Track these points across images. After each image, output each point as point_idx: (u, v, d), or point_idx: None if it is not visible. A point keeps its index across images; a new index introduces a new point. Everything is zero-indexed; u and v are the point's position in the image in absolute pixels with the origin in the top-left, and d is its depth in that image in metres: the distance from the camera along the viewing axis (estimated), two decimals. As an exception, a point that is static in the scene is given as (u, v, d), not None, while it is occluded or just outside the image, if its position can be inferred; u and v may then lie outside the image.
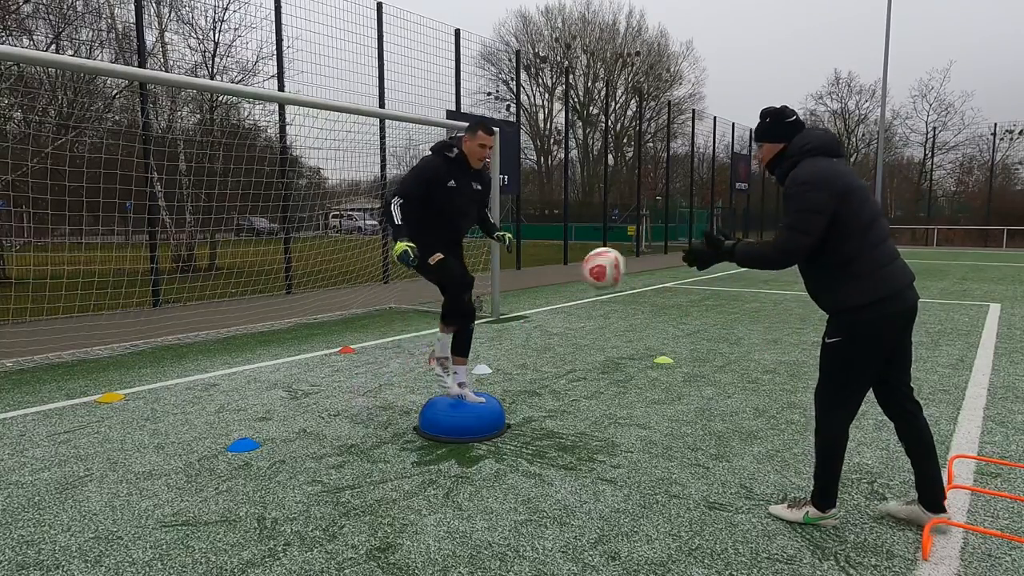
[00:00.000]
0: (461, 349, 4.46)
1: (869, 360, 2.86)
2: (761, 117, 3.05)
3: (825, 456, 2.98)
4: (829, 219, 2.78)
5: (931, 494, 2.96)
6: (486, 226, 4.79)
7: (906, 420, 3.00)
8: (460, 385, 4.44)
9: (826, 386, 2.98)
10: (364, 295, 11.06)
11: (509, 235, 4.75)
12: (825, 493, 3.00)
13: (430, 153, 4.34)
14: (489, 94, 38.82)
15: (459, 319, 4.36)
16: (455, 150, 4.28)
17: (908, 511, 3.06)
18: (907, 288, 2.86)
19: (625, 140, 43.84)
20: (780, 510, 3.14)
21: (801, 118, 3.03)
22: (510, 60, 39.62)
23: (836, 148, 2.91)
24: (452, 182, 4.22)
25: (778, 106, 3.02)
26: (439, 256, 4.18)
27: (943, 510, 2.95)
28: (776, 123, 3.00)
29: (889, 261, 2.84)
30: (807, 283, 3.04)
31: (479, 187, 4.43)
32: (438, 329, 4.47)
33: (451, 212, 4.26)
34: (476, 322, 4.65)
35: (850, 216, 2.79)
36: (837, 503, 3.05)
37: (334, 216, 25.36)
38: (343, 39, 12.03)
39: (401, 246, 3.93)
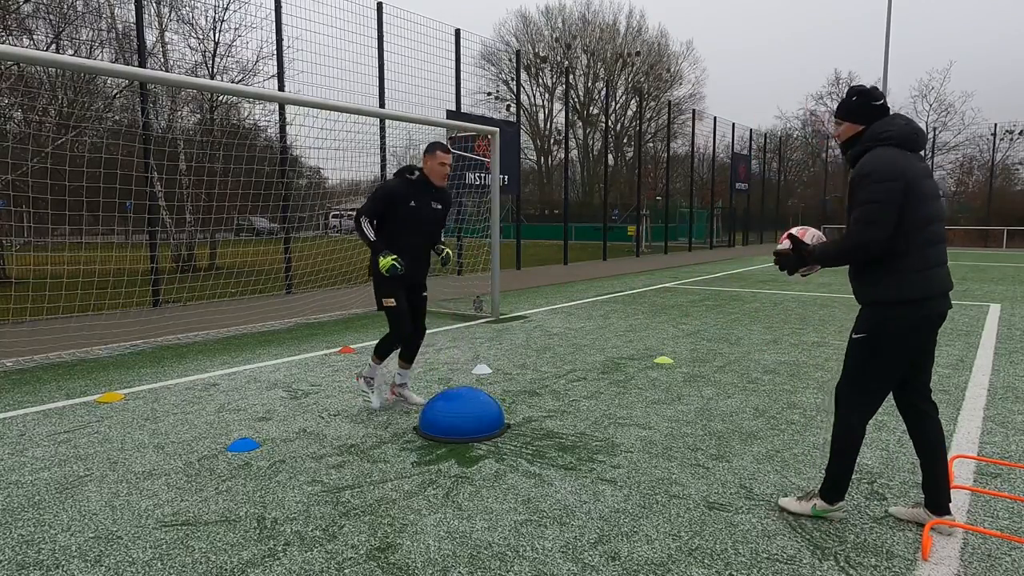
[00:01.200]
0: (408, 356, 4.91)
1: (892, 360, 2.84)
2: (848, 94, 2.96)
3: (840, 451, 2.99)
4: (900, 211, 2.71)
5: (936, 496, 2.96)
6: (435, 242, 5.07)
7: (919, 419, 3.00)
8: (402, 386, 4.94)
9: (848, 382, 2.96)
10: (364, 295, 11.06)
11: (448, 251, 5.00)
12: (835, 487, 3.02)
13: (394, 176, 4.78)
14: (489, 94, 38.85)
15: (390, 351, 4.81)
16: (416, 172, 4.70)
17: (911, 513, 3.06)
18: (942, 296, 2.83)
19: (625, 140, 43.84)
20: (788, 502, 3.17)
21: (887, 104, 2.92)
22: (510, 60, 39.63)
23: (915, 141, 2.83)
24: (412, 202, 4.62)
25: (868, 86, 2.94)
26: (391, 301, 4.58)
27: (947, 512, 2.95)
28: (861, 103, 2.91)
29: (935, 265, 2.80)
30: (852, 269, 2.96)
31: (439, 206, 4.81)
32: (370, 357, 4.90)
33: (412, 230, 4.66)
34: (477, 322, 4.69)
35: (908, 212, 2.73)
36: (845, 497, 3.07)
37: (334, 216, 25.35)
38: (343, 39, 12.04)
39: (387, 261, 4.38)
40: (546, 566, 2.69)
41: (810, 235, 3.03)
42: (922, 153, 2.93)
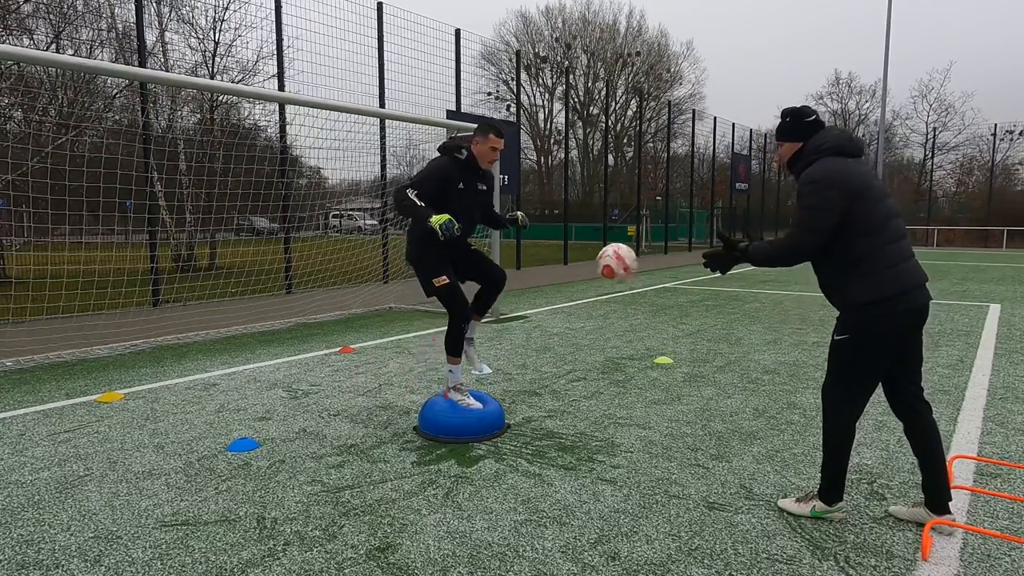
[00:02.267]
0: (481, 308, 4.48)
1: (876, 358, 2.87)
2: (781, 116, 3.07)
3: (832, 451, 3.02)
4: (839, 217, 2.79)
5: (936, 496, 2.96)
6: (493, 221, 4.77)
7: (914, 419, 3.00)
8: (468, 341, 4.43)
9: (834, 383, 3.00)
10: (364, 295, 11.06)
11: (521, 213, 4.74)
12: (832, 487, 3.04)
13: (439, 154, 4.30)
14: (489, 94, 38.82)
15: (461, 343, 4.38)
16: (464, 152, 4.24)
17: (912, 512, 3.07)
18: (918, 288, 2.86)
19: (625, 140, 43.83)
20: (788, 504, 3.18)
21: (821, 118, 3.04)
22: (510, 60, 39.63)
23: (852, 148, 2.92)
24: (461, 184, 4.21)
25: (798, 105, 3.04)
26: (444, 280, 4.16)
27: (947, 512, 2.96)
28: (795, 122, 3.02)
29: (900, 260, 2.83)
30: (819, 279, 3.04)
31: (484, 187, 4.42)
32: (446, 361, 4.42)
33: (459, 214, 4.15)
34: (483, 321, 4.66)
35: (862, 215, 2.80)
36: (844, 497, 3.08)
37: (334, 216, 25.34)
38: (343, 39, 12.04)
39: (442, 216, 3.80)
40: (546, 566, 2.69)
41: (612, 251, 3.23)
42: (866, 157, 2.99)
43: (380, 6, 13.11)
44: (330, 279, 11.68)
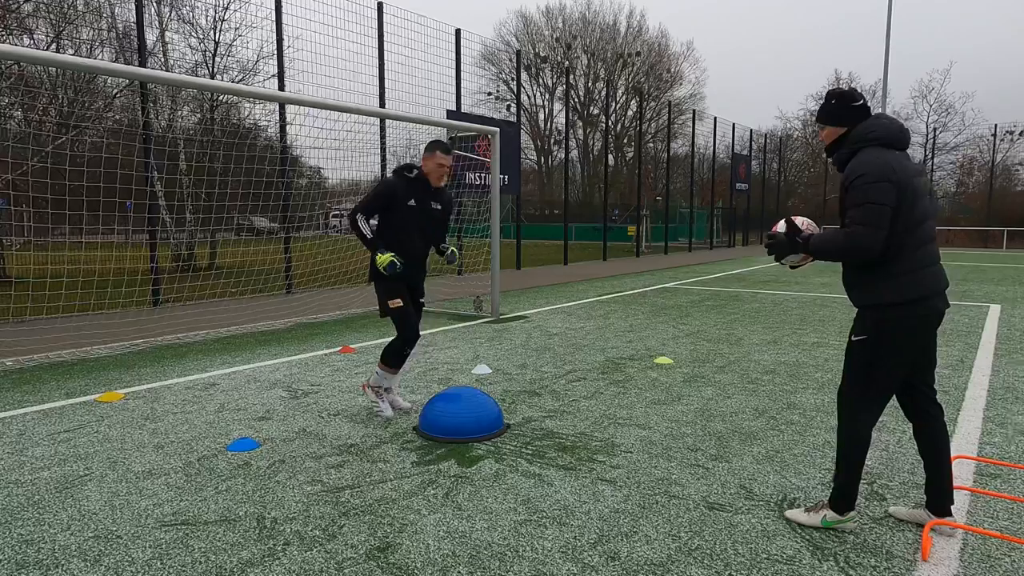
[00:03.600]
0: (395, 363, 4.66)
1: (895, 361, 2.81)
2: (826, 98, 2.93)
3: (846, 459, 2.93)
4: (894, 210, 2.68)
5: (939, 498, 2.94)
6: (438, 246, 4.89)
7: (925, 422, 2.96)
8: (386, 390, 4.70)
9: (851, 387, 2.91)
10: (364, 295, 11.06)
11: (452, 248, 4.89)
12: (844, 496, 2.94)
13: (392, 175, 4.60)
14: (489, 94, 38.85)
15: (400, 361, 4.65)
16: (415, 171, 4.53)
17: (912, 513, 3.06)
18: (938, 295, 2.81)
19: (625, 140, 43.83)
20: (796, 514, 3.08)
21: (868, 104, 2.89)
22: (510, 60, 39.63)
23: (902, 140, 2.81)
24: (412, 201, 4.46)
25: (846, 88, 2.90)
26: (398, 303, 4.42)
27: (948, 514, 2.94)
28: (841, 106, 2.87)
29: (929, 264, 2.78)
30: (845, 273, 2.94)
31: (439, 206, 4.65)
32: (377, 364, 4.71)
33: (411, 230, 4.50)
34: (477, 322, 4.68)
35: (903, 212, 2.71)
36: (856, 507, 2.99)
37: (334, 216, 25.31)
38: (344, 39, 12.04)
39: (386, 258, 4.23)
40: (546, 566, 2.69)
41: (808, 227, 3.00)
42: (908, 152, 2.91)
43: (380, 6, 13.11)
44: (330, 279, 11.68)
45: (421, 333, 4.85)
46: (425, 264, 4.73)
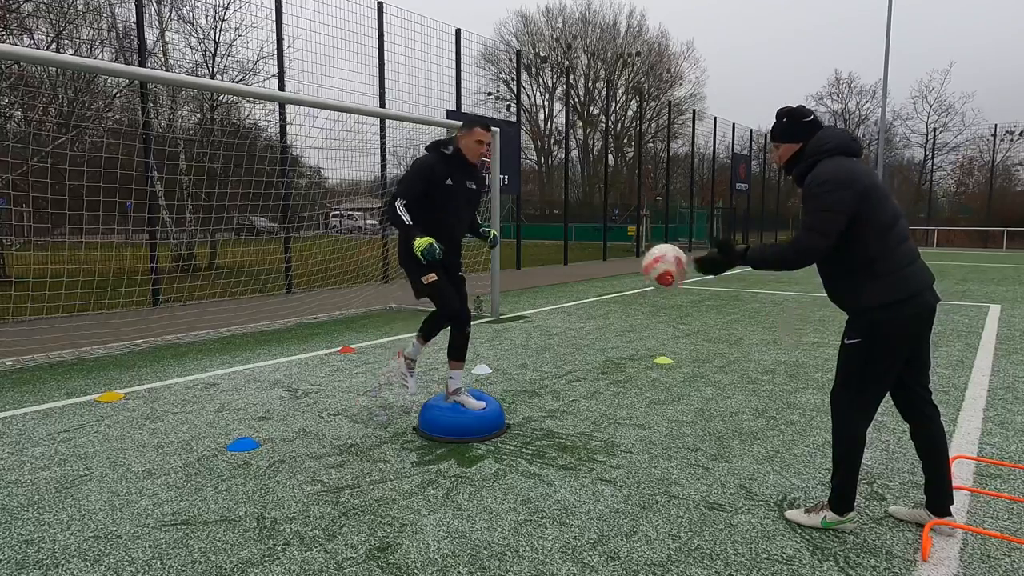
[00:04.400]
0: (457, 353, 4.40)
1: (889, 362, 2.83)
2: (777, 117, 3.00)
3: (843, 460, 2.94)
4: (849, 219, 2.75)
5: (938, 498, 2.94)
6: (472, 228, 4.66)
7: (922, 423, 2.97)
8: (456, 391, 4.38)
9: (845, 389, 2.93)
10: (364, 295, 11.06)
11: (494, 231, 4.72)
12: (843, 497, 2.96)
13: (425, 152, 4.29)
14: (489, 94, 38.85)
15: (437, 331, 4.40)
16: (451, 147, 4.22)
17: (912, 513, 3.06)
18: (927, 290, 2.83)
19: (625, 140, 43.84)
20: (796, 515, 3.09)
21: (818, 118, 2.99)
22: (510, 60, 39.63)
23: (855, 147, 2.88)
24: (449, 180, 4.16)
25: (794, 105, 2.97)
26: (432, 277, 4.09)
27: (948, 514, 2.95)
28: (793, 122, 2.96)
29: (909, 262, 2.80)
30: (826, 283, 2.99)
31: (474, 186, 4.37)
32: (414, 335, 4.50)
33: (449, 211, 4.21)
34: (476, 322, 4.65)
35: (871, 216, 2.76)
36: (855, 507, 3.00)
37: (334, 216, 25.32)
38: (344, 39, 12.05)
39: (424, 241, 3.85)
40: (546, 566, 2.69)
41: (672, 255, 3.17)
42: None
43: (380, 6, 13.11)
44: (330, 279, 11.68)
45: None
46: (461, 244, 4.48)
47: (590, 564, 2.71)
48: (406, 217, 3.98)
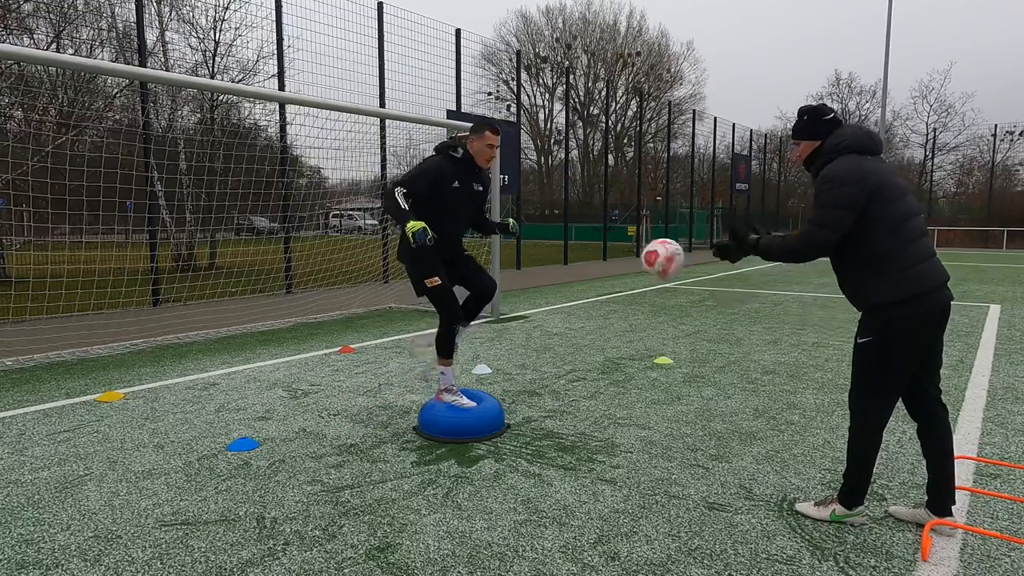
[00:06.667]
0: (449, 351, 4.38)
1: (903, 360, 2.83)
2: (798, 115, 3.05)
3: (858, 459, 2.97)
4: (857, 216, 2.78)
5: (941, 498, 2.95)
6: (484, 227, 4.69)
7: (930, 422, 2.98)
8: (448, 389, 4.35)
9: (861, 389, 2.94)
10: (364, 295, 11.06)
11: (512, 220, 4.69)
12: (855, 493, 3.00)
13: (434, 153, 4.29)
14: (489, 94, 38.83)
15: (452, 345, 4.35)
16: (460, 150, 4.24)
17: (912, 513, 3.06)
18: (941, 287, 2.84)
19: (625, 140, 43.83)
20: (807, 508, 3.14)
21: (838, 116, 3.03)
22: (511, 60, 39.64)
23: (871, 145, 2.90)
24: (456, 183, 4.18)
25: (815, 103, 3.02)
26: (436, 280, 4.11)
27: (950, 514, 2.95)
28: (813, 120, 3.00)
29: (923, 259, 2.81)
30: (840, 280, 3.01)
31: (480, 188, 4.40)
32: (435, 362, 4.42)
33: (453, 213, 4.23)
34: (476, 322, 4.64)
35: (883, 213, 2.78)
36: (864, 501, 3.04)
37: (334, 216, 25.34)
38: (344, 39, 12.04)
39: (417, 224, 3.74)
40: (546, 566, 2.69)
41: (666, 251, 3.25)
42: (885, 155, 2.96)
43: (380, 6, 13.11)
44: (330, 279, 11.68)
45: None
46: (461, 241, 4.47)
47: (590, 564, 2.71)
48: (403, 203, 3.92)
